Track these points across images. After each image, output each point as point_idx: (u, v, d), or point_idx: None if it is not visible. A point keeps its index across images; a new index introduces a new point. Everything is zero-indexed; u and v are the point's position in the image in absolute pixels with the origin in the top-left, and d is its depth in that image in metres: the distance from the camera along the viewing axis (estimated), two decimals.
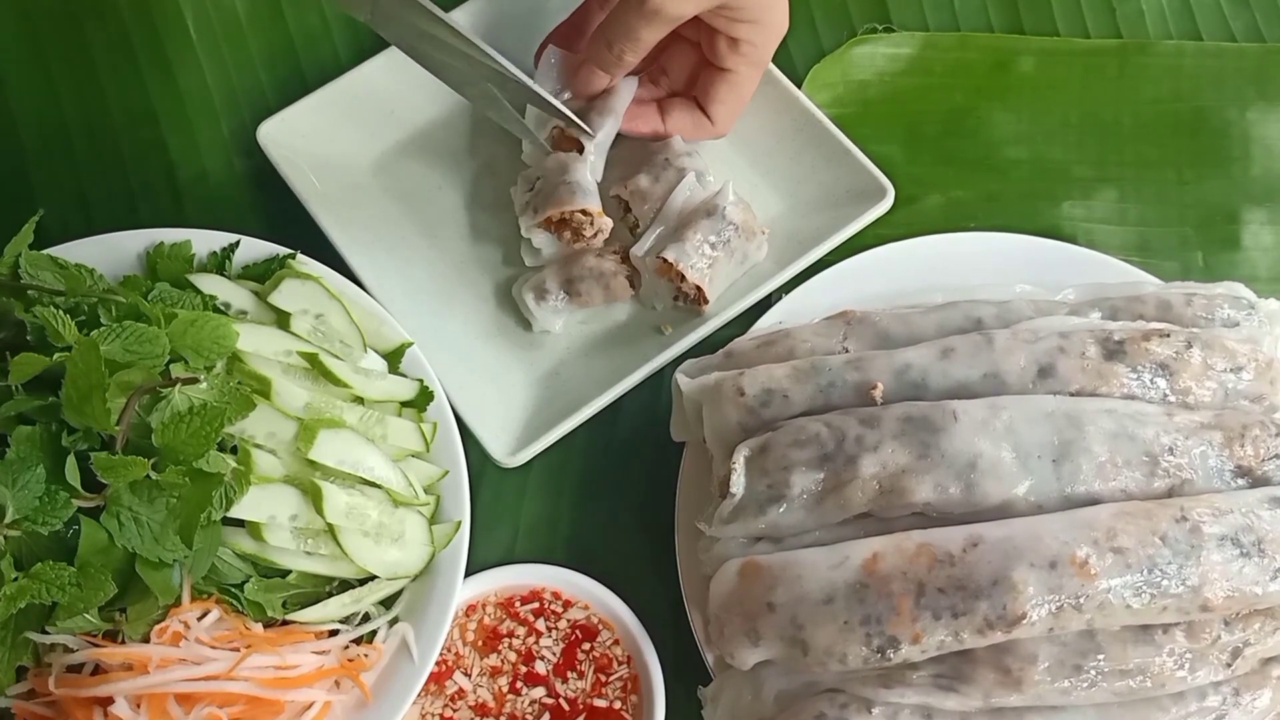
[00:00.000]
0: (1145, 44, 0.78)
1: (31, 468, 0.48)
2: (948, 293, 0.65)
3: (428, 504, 0.58)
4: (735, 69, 0.64)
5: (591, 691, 0.60)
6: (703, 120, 0.67)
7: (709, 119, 0.67)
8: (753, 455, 0.57)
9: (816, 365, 0.59)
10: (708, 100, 0.66)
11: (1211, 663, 0.54)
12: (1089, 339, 0.59)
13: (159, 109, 0.73)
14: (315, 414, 0.55)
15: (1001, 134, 0.75)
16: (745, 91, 0.66)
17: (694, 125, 0.67)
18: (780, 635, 0.54)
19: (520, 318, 0.68)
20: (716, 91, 0.65)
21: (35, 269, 0.54)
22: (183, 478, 0.50)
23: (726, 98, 0.66)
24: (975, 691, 0.53)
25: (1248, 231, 0.74)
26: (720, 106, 0.66)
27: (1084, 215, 0.74)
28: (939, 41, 0.77)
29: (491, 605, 0.61)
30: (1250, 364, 0.59)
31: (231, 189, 0.71)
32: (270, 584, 0.54)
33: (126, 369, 0.50)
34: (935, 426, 0.55)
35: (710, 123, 0.67)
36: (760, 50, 0.64)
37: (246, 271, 0.62)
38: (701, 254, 0.64)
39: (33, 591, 0.48)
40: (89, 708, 0.50)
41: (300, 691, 0.53)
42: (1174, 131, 0.75)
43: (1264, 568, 0.53)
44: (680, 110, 0.67)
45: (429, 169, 0.72)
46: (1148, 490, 0.55)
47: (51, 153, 0.72)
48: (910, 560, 0.53)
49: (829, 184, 0.69)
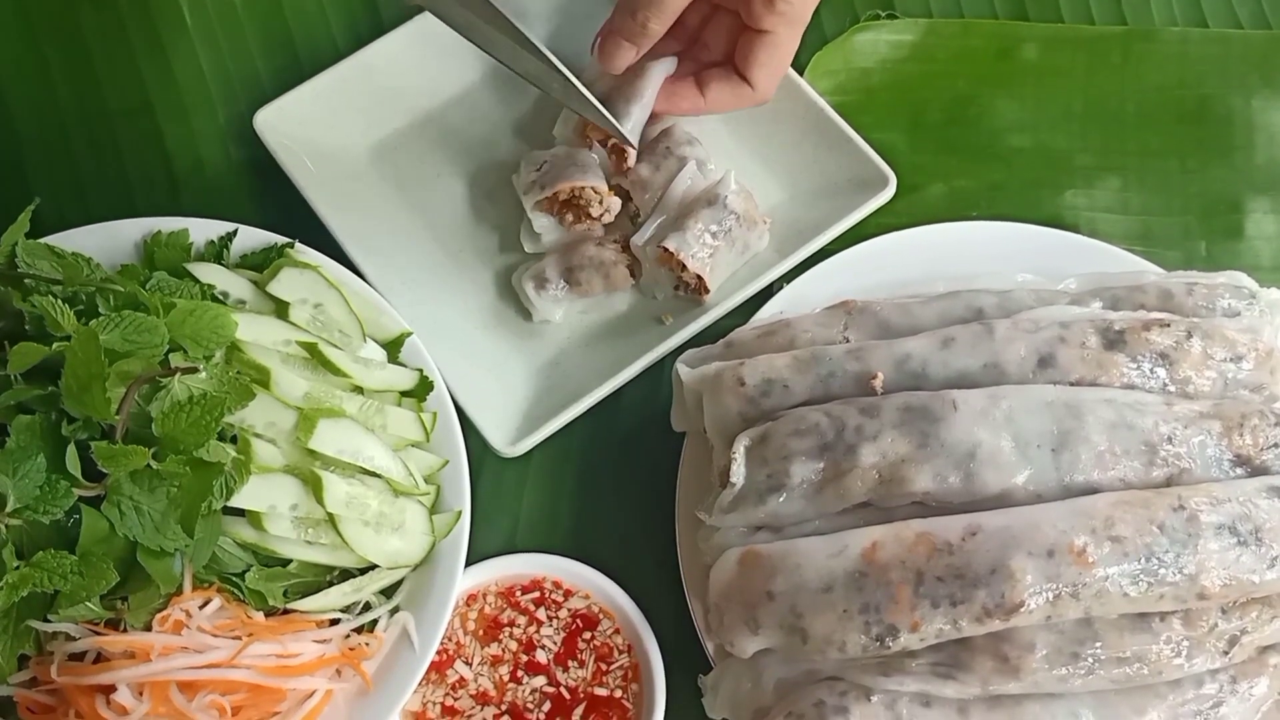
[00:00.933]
0: (1150, 31, 0.77)
1: (32, 457, 0.48)
2: (949, 282, 0.65)
3: (428, 493, 0.58)
4: (774, 29, 0.61)
5: (592, 680, 0.60)
6: (743, 88, 0.64)
7: (750, 85, 0.63)
8: (753, 445, 0.57)
9: (817, 355, 0.59)
10: (747, 65, 0.63)
11: (1209, 650, 0.54)
12: (1089, 328, 0.58)
13: (155, 97, 0.72)
14: (315, 403, 0.55)
15: (1004, 122, 0.75)
16: (785, 53, 0.63)
17: (734, 95, 0.64)
18: (780, 624, 0.54)
19: (520, 307, 0.68)
20: (756, 55, 0.62)
21: (32, 258, 0.54)
22: (183, 467, 0.50)
23: (767, 60, 0.62)
24: (973, 679, 0.53)
25: (1251, 220, 0.74)
26: (760, 70, 0.63)
27: (1087, 204, 0.73)
28: (942, 28, 0.76)
29: (492, 594, 0.62)
30: (1250, 353, 0.59)
31: (228, 177, 0.71)
32: (271, 573, 0.54)
33: (125, 358, 0.50)
34: (935, 416, 0.55)
35: (751, 89, 0.63)
36: (797, 7, 0.61)
37: (245, 260, 0.61)
38: (702, 243, 0.64)
39: (34, 580, 0.48)
40: (91, 696, 0.50)
41: (302, 680, 0.53)
42: (1178, 119, 0.75)
43: (1261, 556, 0.53)
44: (718, 81, 0.64)
45: (428, 157, 0.71)
46: (1146, 479, 0.55)
47: (47, 141, 0.72)
48: (909, 549, 0.53)
49: (831, 173, 0.69)
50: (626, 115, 0.64)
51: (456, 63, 0.72)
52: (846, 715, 0.53)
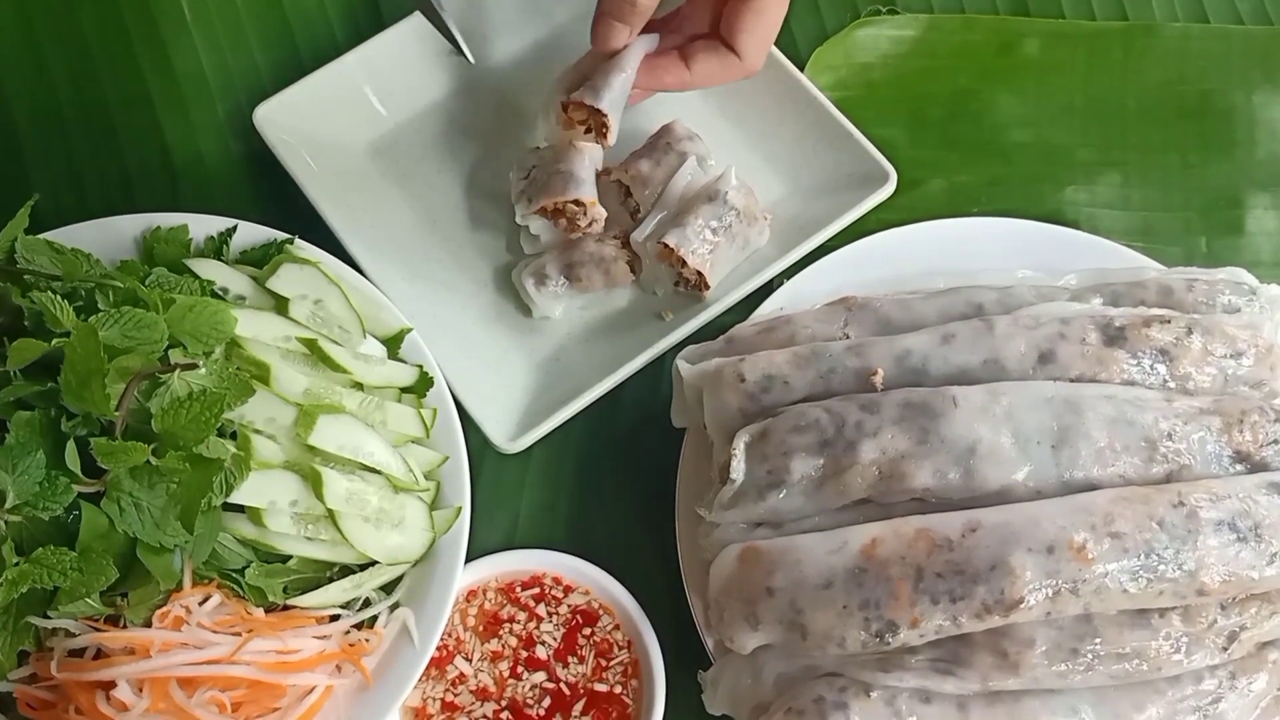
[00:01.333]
0: (1151, 26, 0.77)
1: (31, 453, 0.48)
2: (950, 278, 0.65)
3: (428, 489, 0.58)
4: None
5: (592, 676, 0.60)
6: (730, 58, 0.61)
7: (737, 55, 0.60)
8: (753, 441, 0.57)
9: (817, 351, 0.59)
10: (733, 32, 0.60)
11: (1208, 647, 0.54)
12: (1089, 325, 0.58)
13: (154, 91, 0.72)
14: (315, 399, 0.55)
15: (1005, 117, 0.74)
16: (772, 18, 0.60)
17: (721, 66, 0.61)
18: (780, 620, 0.54)
19: (520, 303, 0.68)
20: (741, 21, 0.59)
21: (32, 254, 0.54)
22: (183, 463, 0.50)
23: (753, 26, 0.59)
24: (973, 675, 0.53)
25: (1251, 216, 0.74)
26: (746, 37, 0.60)
27: (1087, 200, 0.73)
28: (943, 24, 0.76)
29: (492, 590, 0.62)
30: (1250, 350, 0.59)
31: (228, 172, 0.71)
32: (271, 569, 0.54)
33: (125, 354, 0.50)
34: (935, 412, 0.55)
35: (739, 58, 0.60)
36: None
37: (244, 256, 0.61)
38: (703, 239, 0.64)
39: (34, 576, 0.48)
40: (91, 692, 0.50)
41: (302, 676, 0.53)
42: (1179, 115, 0.75)
43: (1260, 552, 0.53)
44: (704, 53, 0.61)
45: (427, 152, 0.71)
46: (1146, 476, 0.55)
47: (46, 136, 0.71)
48: (909, 545, 0.53)
49: (831, 168, 0.69)
50: (607, 88, 0.61)
51: (457, 58, 0.72)
52: (846, 711, 0.53)
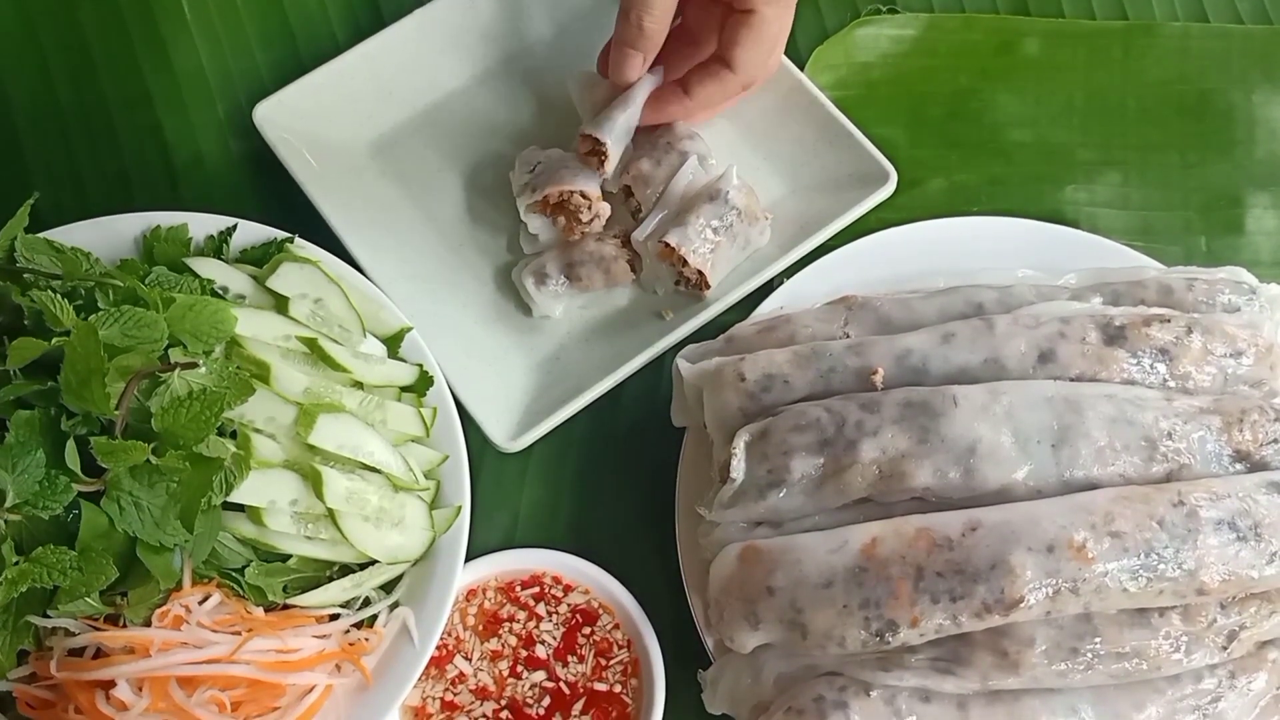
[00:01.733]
0: (1151, 25, 0.77)
1: (31, 452, 0.48)
2: (950, 277, 0.65)
3: (428, 489, 0.58)
4: (756, 8, 0.60)
5: (592, 675, 0.60)
6: (725, 76, 0.62)
7: (731, 70, 0.61)
8: (753, 440, 0.57)
9: (817, 350, 0.59)
10: (727, 47, 0.61)
11: (1207, 646, 0.54)
12: (1089, 324, 0.58)
13: (154, 90, 0.72)
14: (315, 399, 0.55)
15: (1005, 117, 0.74)
16: (768, 33, 0.61)
17: (718, 85, 0.62)
18: (780, 619, 0.54)
19: (520, 302, 0.68)
20: (736, 35, 0.60)
21: (32, 253, 0.54)
22: (183, 462, 0.50)
23: (747, 41, 0.60)
24: (973, 674, 0.54)
25: (1251, 216, 0.74)
26: (740, 50, 0.61)
27: (1087, 199, 0.73)
28: (943, 23, 0.76)
29: (492, 590, 0.62)
30: (1250, 349, 0.59)
31: (228, 171, 0.71)
32: (271, 568, 0.54)
33: (125, 353, 0.50)
34: (935, 411, 0.55)
35: (733, 73, 0.61)
36: None
37: (244, 255, 0.61)
38: (704, 238, 0.64)
39: (34, 575, 0.48)
40: (91, 691, 0.50)
41: (301, 675, 0.53)
42: (1178, 114, 0.75)
43: (1260, 552, 0.53)
44: (699, 78, 0.63)
45: (428, 151, 0.71)
46: (1146, 475, 0.55)
47: (45, 134, 0.71)
48: (909, 544, 0.53)
49: (831, 168, 0.69)
50: (610, 121, 0.64)
51: (457, 56, 0.72)
52: (846, 710, 0.53)
